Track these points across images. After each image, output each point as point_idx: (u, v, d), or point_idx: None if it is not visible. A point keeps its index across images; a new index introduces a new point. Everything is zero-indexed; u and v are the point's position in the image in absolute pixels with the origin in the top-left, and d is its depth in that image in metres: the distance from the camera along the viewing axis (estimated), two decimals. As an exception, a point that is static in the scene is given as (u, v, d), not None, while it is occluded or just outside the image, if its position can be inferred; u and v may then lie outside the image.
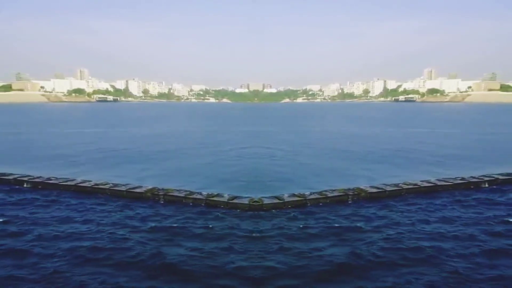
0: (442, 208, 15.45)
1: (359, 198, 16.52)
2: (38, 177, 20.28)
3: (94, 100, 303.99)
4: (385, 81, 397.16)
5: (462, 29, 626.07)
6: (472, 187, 18.78)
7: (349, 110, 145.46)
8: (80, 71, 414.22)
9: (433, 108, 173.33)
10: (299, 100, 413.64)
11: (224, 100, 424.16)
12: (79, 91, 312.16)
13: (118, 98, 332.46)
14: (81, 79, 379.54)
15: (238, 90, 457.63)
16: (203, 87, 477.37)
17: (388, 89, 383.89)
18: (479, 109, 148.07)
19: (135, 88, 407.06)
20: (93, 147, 33.89)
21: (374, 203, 16.02)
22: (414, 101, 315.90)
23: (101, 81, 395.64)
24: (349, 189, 17.13)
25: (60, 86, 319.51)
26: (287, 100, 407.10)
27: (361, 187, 17.62)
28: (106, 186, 17.86)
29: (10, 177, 20.47)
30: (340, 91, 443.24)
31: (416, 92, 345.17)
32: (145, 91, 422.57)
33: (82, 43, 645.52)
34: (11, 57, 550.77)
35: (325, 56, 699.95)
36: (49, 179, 19.88)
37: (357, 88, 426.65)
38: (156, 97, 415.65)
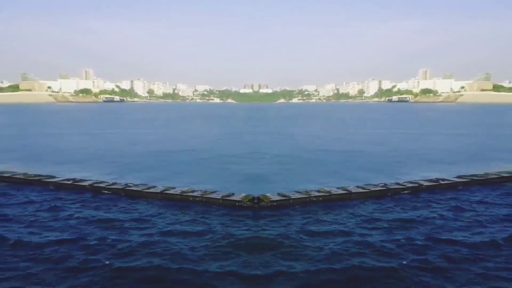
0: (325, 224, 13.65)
1: (259, 207, 15.27)
2: (114, 183, 19.50)
3: (101, 100, 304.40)
4: (380, 81, 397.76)
5: (460, 30, 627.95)
6: (389, 194, 17.47)
7: (335, 111, 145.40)
8: (85, 71, 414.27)
9: (422, 108, 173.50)
10: (294, 100, 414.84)
11: (229, 100, 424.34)
12: (86, 91, 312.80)
13: (125, 98, 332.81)
14: (86, 79, 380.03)
15: (242, 91, 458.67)
16: (207, 87, 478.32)
17: (383, 90, 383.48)
18: (467, 109, 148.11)
19: (140, 88, 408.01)
20: (149, 149, 33.41)
21: (270, 213, 14.66)
22: (407, 101, 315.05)
23: (106, 81, 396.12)
24: (253, 197, 15.87)
25: (67, 86, 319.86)
26: (282, 100, 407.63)
27: (267, 194, 16.25)
28: (197, 194, 17.04)
29: (86, 183, 19.72)
30: (336, 91, 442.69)
31: (409, 92, 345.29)
32: (150, 91, 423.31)
33: (82, 43, 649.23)
34: (12, 57, 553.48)
35: (324, 56, 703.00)
36: (127, 185, 19.09)
37: (352, 89, 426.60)
38: (161, 97, 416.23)
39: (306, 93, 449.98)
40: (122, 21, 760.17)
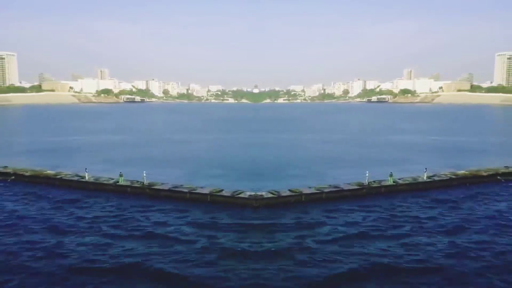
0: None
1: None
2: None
3: (122, 101, 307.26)
4: (364, 81, 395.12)
5: (455, 31, 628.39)
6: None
7: (299, 112, 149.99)
8: (101, 71, 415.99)
9: (389, 108, 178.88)
10: (280, 100, 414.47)
11: (243, 100, 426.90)
12: (107, 92, 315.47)
13: (145, 98, 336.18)
14: (101, 79, 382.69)
15: (255, 91, 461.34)
16: (220, 87, 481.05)
17: (367, 90, 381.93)
18: (430, 110, 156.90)
19: (156, 88, 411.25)
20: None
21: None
22: (386, 101, 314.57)
23: (122, 81, 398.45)
24: None
25: (88, 87, 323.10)
26: (268, 100, 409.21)
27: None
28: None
29: (245, 195, 23.66)
30: (322, 91, 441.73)
31: (390, 92, 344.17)
32: (165, 91, 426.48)
33: (89, 45, 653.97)
34: (20, 58, 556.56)
35: (318, 57, 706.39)
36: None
37: (338, 89, 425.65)
38: (176, 97, 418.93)
39: (292, 93, 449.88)
40: (128, 23, 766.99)
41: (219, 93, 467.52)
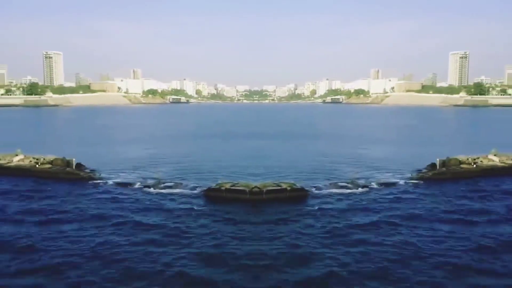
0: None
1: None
2: None
3: (168, 101, 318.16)
4: (330, 81, 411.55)
5: (455, 31, 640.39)
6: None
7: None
8: (134, 70, 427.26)
9: (330, 109, 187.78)
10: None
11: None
12: (153, 92, 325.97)
13: (188, 99, 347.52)
14: (134, 79, 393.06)
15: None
16: (247, 88, 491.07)
17: (332, 90, 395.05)
18: (360, 113, 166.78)
19: (190, 89, 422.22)
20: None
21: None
22: (340, 102, 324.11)
23: (158, 81, 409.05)
24: None
25: (132, 87, 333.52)
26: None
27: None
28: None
29: None
30: (293, 91, 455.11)
31: (348, 92, 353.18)
32: (198, 92, 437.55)
33: (88, 44, 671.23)
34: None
35: (326, 56, 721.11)
36: None
37: (307, 89, 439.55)
38: (209, 98, 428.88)
39: (264, 93, 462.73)
40: (128, 23, 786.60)
41: (248, 93, 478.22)
